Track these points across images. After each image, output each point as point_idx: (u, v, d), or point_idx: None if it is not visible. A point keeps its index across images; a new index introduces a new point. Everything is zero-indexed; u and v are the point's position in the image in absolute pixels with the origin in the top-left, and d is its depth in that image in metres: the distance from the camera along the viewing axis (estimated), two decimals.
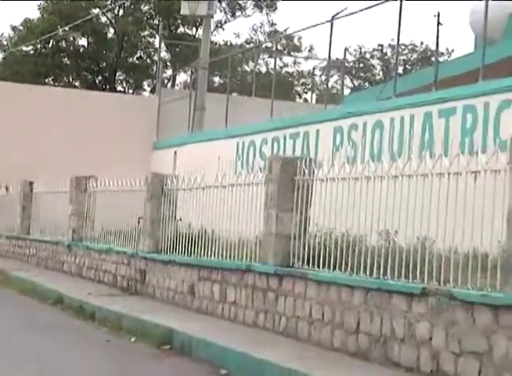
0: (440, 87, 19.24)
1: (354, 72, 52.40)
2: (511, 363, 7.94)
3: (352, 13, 22.70)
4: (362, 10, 22.53)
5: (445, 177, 9.28)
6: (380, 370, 9.31)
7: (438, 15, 21.69)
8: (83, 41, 48.66)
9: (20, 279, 19.90)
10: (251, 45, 45.74)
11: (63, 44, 48.10)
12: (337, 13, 22.51)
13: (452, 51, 40.79)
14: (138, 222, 16.89)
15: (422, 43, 49.64)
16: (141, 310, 13.86)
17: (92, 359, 11.15)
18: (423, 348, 9.03)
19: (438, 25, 22.08)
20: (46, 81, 46.53)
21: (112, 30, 48.42)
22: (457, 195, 9.00)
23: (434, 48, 25.79)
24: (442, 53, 38.29)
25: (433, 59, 28.75)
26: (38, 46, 46.66)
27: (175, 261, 15.16)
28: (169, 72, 47.56)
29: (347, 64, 43.99)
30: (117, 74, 49.65)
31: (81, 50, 48.48)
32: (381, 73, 51.20)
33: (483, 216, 8.65)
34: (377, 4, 21.51)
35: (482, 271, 8.68)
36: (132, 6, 47.26)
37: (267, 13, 49.32)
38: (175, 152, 27.79)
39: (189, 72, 38.19)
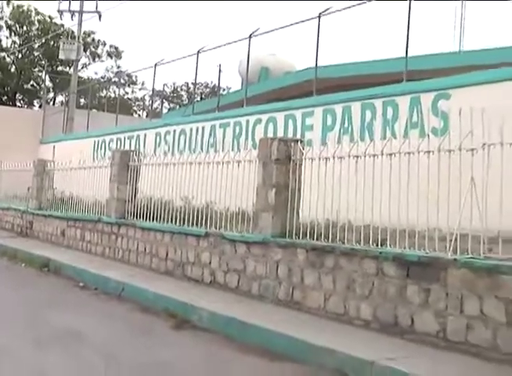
0: (221, 110, 19.39)
1: (170, 98, 52.09)
2: (257, 275, 8.14)
3: (168, 62, 22.67)
4: (174, 60, 22.54)
5: (221, 164, 9.30)
6: (179, 282, 9.32)
7: (220, 66, 22.31)
8: None
9: None
10: (105, 79, 44.65)
11: None
12: (159, 61, 22.52)
13: (230, 88, 40.98)
14: (28, 190, 16.27)
15: (212, 82, 49.69)
16: (29, 246, 13.25)
17: None
18: (205, 268, 9.10)
19: (219, 72, 22.61)
20: None
21: (14, 67, 46.48)
22: (231, 174, 9.00)
23: (218, 85, 26.13)
24: (224, 89, 38.40)
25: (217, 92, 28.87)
26: None
27: (52, 215, 14.59)
28: (51, 95, 45.78)
29: (165, 93, 44.05)
30: (17, 95, 47.59)
31: None
32: (187, 100, 51.05)
33: (242, 187, 8.77)
34: (185, 56, 21.47)
35: (242, 222, 8.83)
36: (28, 51, 45.71)
37: (115, 60, 48.81)
38: (54, 146, 26.76)
39: (65, 95, 36.82)
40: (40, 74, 46.59)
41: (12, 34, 46.27)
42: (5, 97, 46.73)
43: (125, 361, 5.81)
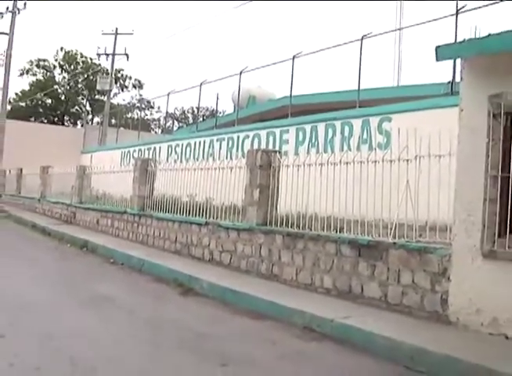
0: (217, 128, 19.31)
1: (179, 119, 51.81)
2: (245, 255, 8.05)
3: (178, 91, 22.67)
4: (183, 90, 22.52)
5: (218, 170, 9.19)
6: (185, 259, 9.18)
7: (217, 94, 22.45)
8: (49, 101, 46.27)
9: (16, 216, 18.11)
10: (130, 104, 44.38)
11: (39, 102, 45.92)
12: (171, 91, 22.57)
13: (225, 111, 40.66)
14: (72, 188, 16.06)
15: (211, 106, 49.04)
16: (73, 231, 13.01)
17: (50, 254, 10.51)
18: (205, 249, 8.99)
19: (217, 99, 22.67)
20: (31, 119, 43.41)
21: (63, 96, 46.51)
22: (225, 177, 8.91)
23: (216, 109, 26.13)
24: (220, 112, 38.18)
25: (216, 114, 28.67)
26: (27, 102, 44.78)
27: (90, 208, 14.34)
28: (90, 116, 45.71)
29: (175, 115, 43.95)
30: (65, 117, 47.59)
31: (48, 105, 46.24)
32: (192, 120, 50.70)
33: (234, 187, 8.68)
34: (191, 87, 21.37)
35: (233, 213, 8.74)
36: (74, 84, 45.87)
37: (138, 90, 49.02)
38: (92, 155, 26.58)
39: (100, 117, 36.71)
40: (82, 101, 46.99)
41: (63, 71, 47.67)
42: (56, 118, 47.35)
43: (143, 316, 5.84)
